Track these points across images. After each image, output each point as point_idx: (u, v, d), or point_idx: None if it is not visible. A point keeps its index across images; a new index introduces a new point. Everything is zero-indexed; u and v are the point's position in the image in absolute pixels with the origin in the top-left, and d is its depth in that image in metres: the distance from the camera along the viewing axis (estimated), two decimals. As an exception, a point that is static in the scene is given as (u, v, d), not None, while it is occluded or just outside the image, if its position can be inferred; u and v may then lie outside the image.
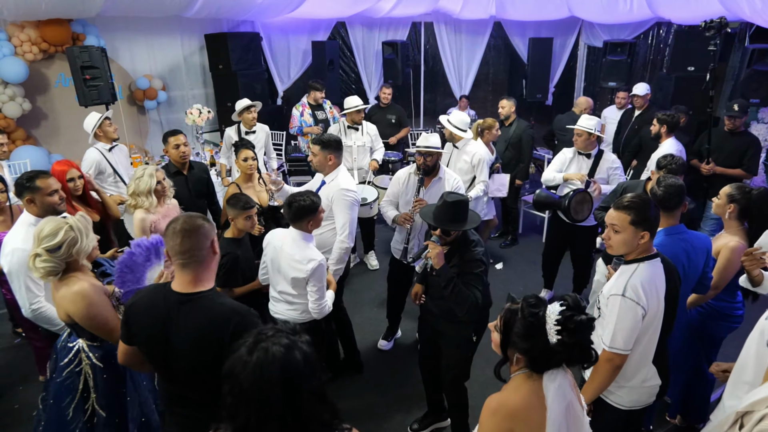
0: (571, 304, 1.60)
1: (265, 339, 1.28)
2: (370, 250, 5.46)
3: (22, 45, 6.28)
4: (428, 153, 3.54)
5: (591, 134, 4.17)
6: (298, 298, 2.83)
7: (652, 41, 8.52)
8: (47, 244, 2.17)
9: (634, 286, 2.12)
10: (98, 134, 4.42)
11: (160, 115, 8.09)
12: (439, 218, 2.64)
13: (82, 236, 2.24)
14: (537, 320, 1.61)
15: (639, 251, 2.21)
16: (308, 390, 1.27)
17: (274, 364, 1.23)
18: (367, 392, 3.60)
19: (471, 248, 2.67)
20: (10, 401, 3.52)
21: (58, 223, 2.23)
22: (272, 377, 1.22)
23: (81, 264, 2.30)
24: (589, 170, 4.26)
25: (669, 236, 2.65)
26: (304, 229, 2.78)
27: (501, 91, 10.45)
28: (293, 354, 1.26)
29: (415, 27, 9.63)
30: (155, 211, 3.31)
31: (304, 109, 6.32)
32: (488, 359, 3.61)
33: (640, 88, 5.85)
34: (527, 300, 1.67)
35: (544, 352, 1.61)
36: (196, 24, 7.97)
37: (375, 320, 4.39)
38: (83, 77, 5.48)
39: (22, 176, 2.83)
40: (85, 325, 2.23)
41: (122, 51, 7.46)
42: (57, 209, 2.80)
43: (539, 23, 9.19)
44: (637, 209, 2.16)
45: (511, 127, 5.54)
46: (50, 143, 6.86)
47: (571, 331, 1.57)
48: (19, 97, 6.36)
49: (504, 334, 1.69)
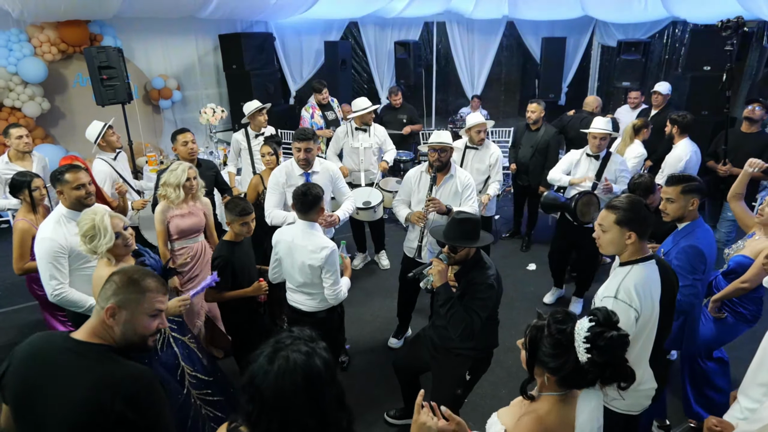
0: (601, 319, 1.51)
1: (284, 347, 1.27)
2: (382, 250, 5.47)
3: (42, 46, 6.40)
4: (442, 148, 3.56)
5: (609, 135, 4.19)
6: (314, 288, 2.91)
7: (667, 40, 8.44)
8: (79, 230, 2.43)
9: (627, 289, 2.10)
10: (101, 144, 4.30)
11: (175, 115, 8.19)
12: (449, 235, 2.56)
13: (99, 234, 2.36)
14: (565, 337, 1.52)
15: (631, 253, 2.18)
16: (330, 396, 1.27)
17: (296, 372, 1.23)
18: (376, 387, 3.64)
19: (483, 270, 2.56)
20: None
21: (87, 215, 2.41)
22: (295, 385, 1.22)
23: (118, 253, 2.45)
24: (596, 171, 4.25)
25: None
26: (312, 219, 2.85)
27: (513, 90, 10.41)
28: (314, 361, 1.26)
29: (427, 27, 9.63)
30: (179, 207, 3.39)
31: (314, 111, 6.34)
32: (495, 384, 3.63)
33: (662, 86, 5.74)
34: (554, 316, 1.58)
35: (574, 372, 1.52)
36: (210, 24, 8.06)
37: (386, 319, 4.41)
38: (100, 77, 5.56)
39: (57, 169, 2.99)
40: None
41: (138, 51, 7.57)
42: (83, 202, 2.91)
43: (552, 23, 9.14)
44: (623, 209, 2.15)
45: (539, 132, 5.32)
46: (68, 142, 6.98)
47: (601, 349, 1.47)
48: (39, 96, 6.49)
49: (530, 351, 1.60)
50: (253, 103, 5.08)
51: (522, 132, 5.50)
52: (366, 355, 4.02)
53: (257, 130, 5.05)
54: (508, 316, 4.39)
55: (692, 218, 2.69)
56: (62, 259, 2.78)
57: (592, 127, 4.26)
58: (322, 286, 2.88)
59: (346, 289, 2.97)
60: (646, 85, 6.95)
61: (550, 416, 1.56)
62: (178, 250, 3.45)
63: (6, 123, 6.25)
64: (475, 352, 2.66)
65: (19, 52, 6.22)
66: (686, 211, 2.67)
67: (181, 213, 3.39)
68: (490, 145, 4.64)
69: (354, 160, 5.09)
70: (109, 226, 2.37)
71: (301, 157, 3.55)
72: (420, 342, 2.95)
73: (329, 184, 3.73)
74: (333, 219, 3.61)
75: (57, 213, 2.91)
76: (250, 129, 5.07)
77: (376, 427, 3.26)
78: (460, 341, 2.55)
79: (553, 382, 1.57)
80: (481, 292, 2.53)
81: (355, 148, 5.05)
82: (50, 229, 2.80)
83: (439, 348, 2.76)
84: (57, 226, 2.82)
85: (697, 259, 2.59)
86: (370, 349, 4.08)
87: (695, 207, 2.66)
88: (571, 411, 1.57)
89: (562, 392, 1.58)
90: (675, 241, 2.74)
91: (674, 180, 2.70)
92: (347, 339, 4.12)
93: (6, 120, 6.27)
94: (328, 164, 3.85)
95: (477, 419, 3.17)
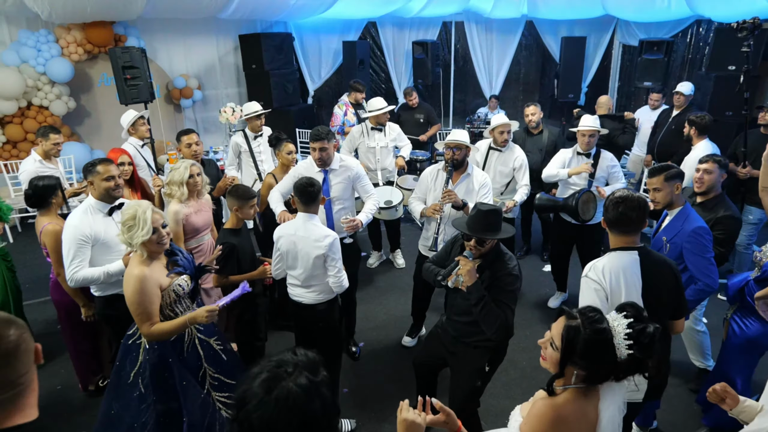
0: (635, 314, 1.51)
1: (285, 376, 1.16)
2: (397, 249, 5.50)
3: (69, 46, 6.59)
4: (457, 146, 3.57)
5: (598, 132, 4.20)
6: (315, 280, 2.98)
7: (690, 39, 8.28)
8: (120, 218, 2.49)
9: (596, 268, 2.28)
10: (131, 131, 4.69)
11: (195, 114, 8.34)
12: (473, 227, 2.53)
13: (137, 226, 2.41)
14: (602, 337, 1.51)
15: (614, 243, 2.33)
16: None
17: (292, 411, 1.13)
18: (388, 385, 3.66)
19: (505, 262, 2.55)
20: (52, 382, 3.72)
21: (132, 206, 2.46)
22: (290, 424, 1.13)
23: (152, 250, 2.48)
24: None
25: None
26: (313, 210, 2.93)
27: (532, 90, 10.34)
28: (314, 402, 1.16)
29: (445, 26, 9.62)
30: (188, 205, 3.47)
31: (347, 108, 6.39)
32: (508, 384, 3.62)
33: (685, 86, 5.64)
34: (587, 315, 1.54)
35: (608, 369, 1.52)
36: (231, 25, 8.18)
37: (400, 317, 4.44)
38: (124, 77, 5.68)
39: (90, 161, 3.10)
40: (128, 304, 2.43)
41: (161, 51, 7.73)
42: (111, 194, 3.01)
43: (572, 22, 9.06)
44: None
45: (542, 135, 5.15)
46: (92, 140, 7.17)
47: (644, 346, 1.47)
48: (65, 95, 6.68)
49: (565, 352, 1.56)
50: (253, 106, 5.05)
51: (522, 138, 5.18)
52: (380, 353, 4.05)
53: (256, 132, 5.03)
54: (523, 316, 4.38)
55: (680, 204, 2.91)
56: (84, 247, 2.88)
57: (580, 124, 4.24)
58: (322, 277, 2.96)
59: (346, 278, 3.04)
60: (669, 85, 6.84)
61: (567, 406, 1.55)
62: (195, 248, 3.52)
63: (34, 121, 6.45)
64: (494, 343, 2.65)
65: (48, 52, 6.41)
66: (674, 197, 2.89)
67: (193, 210, 3.47)
68: (514, 149, 4.58)
69: (371, 160, 5.12)
70: (149, 220, 2.42)
71: (316, 157, 3.58)
72: (436, 338, 2.96)
73: (348, 182, 3.71)
74: (356, 224, 3.57)
75: (86, 203, 3.02)
76: (248, 131, 5.04)
77: (387, 424, 3.28)
78: (496, 337, 2.54)
79: (581, 379, 1.56)
80: (508, 284, 2.53)
81: (372, 148, 5.09)
82: (77, 218, 2.93)
83: (457, 342, 2.76)
84: (84, 216, 2.94)
85: (707, 238, 2.79)
86: (383, 347, 4.11)
87: (680, 191, 2.89)
88: (590, 405, 1.56)
89: (586, 385, 1.58)
90: (676, 227, 2.88)
91: (656, 171, 2.94)
92: (359, 337, 4.18)
93: (34, 118, 6.47)
94: (349, 162, 3.77)
95: (490, 419, 3.20)
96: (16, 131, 6.39)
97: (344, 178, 3.70)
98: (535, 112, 5.13)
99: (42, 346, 1.33)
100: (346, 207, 3.74)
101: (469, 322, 2.64)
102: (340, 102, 6.47)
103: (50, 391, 3.64)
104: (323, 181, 3.60)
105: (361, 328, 4.26)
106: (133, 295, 2.40)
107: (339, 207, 3.70)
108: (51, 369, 3.84)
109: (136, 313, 2.44)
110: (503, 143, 4.55)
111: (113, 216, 3.05)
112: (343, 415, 3.27)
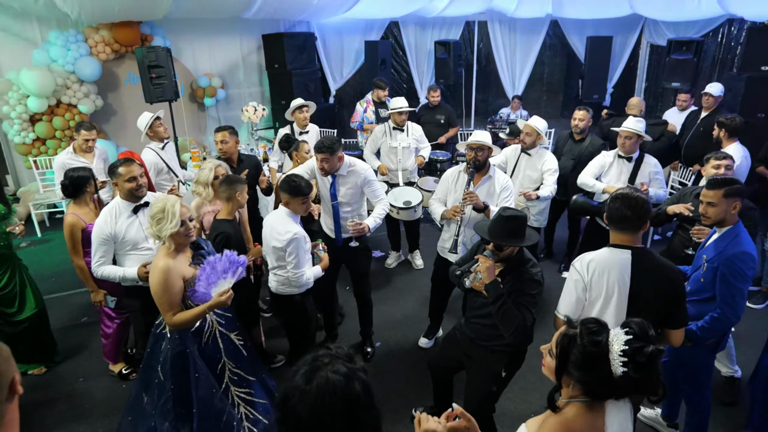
0: (637, 332, 1.45)
1: (322, 367, 1.22)
2: (416, 249, 5.47)
3: (97, 46, 6.74)
4: (479, 147, 3.53)
5: (640, 136, 4.05)
6: (279, 270, 3.18)
7: (722, 39, 8.05)
8: (149, 212, 2.60)
9: (583, 260, 2.34)
10: (149, 134, 4.62)
11: (219, 112, 8.44)
12: (494, 232, 2.52)
13: (166, 218, 2.52)
14: (598, 350, 1.46)
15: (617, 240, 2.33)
16: (369, 422, 1.23)
17: (336, 395, 1.18)
18: (403, 385, 3.66)
19: (528, 267, 2.54)
20: (74, 374, 3.81)
21: (161, 200, 2.56)
22: (334, 408, 1.17)
23: (183, 240, 2.59)
24: (630, 174, 4.12)
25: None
26: (295, 208, 3.07)
27: (556, 91, 10.19)
28: (354, 384, 1.21)
29: (468, 26, 9.55)
30: (212, 203, 3.55)
31: (368, 105, 6.41)
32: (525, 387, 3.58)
33: (714, 87, 5.47)
34: (586, 325, 1.51)
35: (605, 384, 1.47)
36: (254, 25, 8.25)
37: (417, 318, 4.41)
38: (150, 76, 5.80)
39: (113, 163, 3.24)
40: (153, 294, 2.57)
41: (185, 51, 7.85)
42: (135, 194, 3.14)
43: (598, 21, 8.89)
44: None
45: (584, 142, 4.93)
46: (118, 138, 7.31)
47: (639, 366, 1.42)
48: (93, 94, 6.83)
49: (560, 360, 1.54)
50: (297, 101, 5.21)
51: (564, 141, 5.11)
52: (396, 354, 4.04)
53: (301, 128, 5.19)
54: (542, 321, 4.30)
55: (733, 222, 2.67)
56: (106, 245, 3.09)
57: (623, 125, 4.13)
58: (283, 269, 3.13)
59: (312, 277, 3.19)
60: (698, 85, 6.66)
61: (577, 421, 1.52)
62: None
63: (63, 119, 6.62)
64: (511, 348, 2.62)
65: (76, 51, 6.56)
66: (728, 215, 2.64)
67: (213, 209, 3.53)
68: (544, 153, 4.48)
69: (392, 160, 5.11)
70: (177, 213, 2.51)
71: (318, 166, 3.55)
72: (453, 340, 2.93)
73: (357, 188, 3.66)
74: (362, 228, 3.58)
75: (113, 203, 3.17)
76: (295, 126, 5.21)
77: (401, 425, 3.27)
78: (513, 339, 2.50)
79: (579, 391, 1.53)
80: (530, 288, 2.50)
81: (393, 148, 5.08)
82: (102, 218, 3.11)
83: (474, 344, 2.73)
84: (108, 216, 3.10)
85: (749, 265, 2.57)
86: (400, 348, 4.10)
87: (737, 211, 2.64)
88: (599, 418, 1.52)
89: (590, 399, 1.54)
90: (719, 248, 2.65)
91: (716, 183, 2.67)
92: (376, 337, 4.17)
93: (63, 116, 6.63)
94: (359, 168, 3.67)
95: (507, 424, 3.16)
96: (46, 129, 6.55)
97: (353, 184, 3.65)
98: (584, 118, 4.91)
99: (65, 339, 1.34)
100: (354, 210, 3.73)
101: (488, 325, 2.61)
102: (363, 99, 6.52)
103: (72, 383, 3.74)
104: (331, 185, 3.62)
105: (378, 328, 4.25)
106: (158, 285, 2.52)
107: (347, 210, 3.70)
108: (74, 362, 3.94)
109: (159, 302, 2.56)
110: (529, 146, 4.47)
111: (138, 214, 3.13)
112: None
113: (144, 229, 3.09)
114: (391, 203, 4.58)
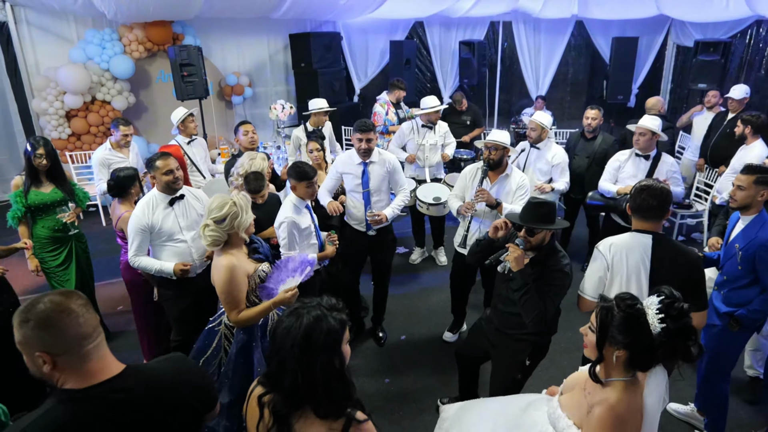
0: (668, 293, 1.60)
1: (303, 307, 1.49)
2: (440, 246, 5.54)
3: (130, 44, 6.95)
4: (494, 146, 3.59)
5: (654, 134, 4.08)
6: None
7: (750, 40, 7.95)
8: (215, 215, 2.48)
9: (606, 243, 2.47)
10: (179, 128, 4.86)
11: (246, 110, 8.62)
12: (524, 217, 2.57)
13: (242, 212, 2.52)
14: (637, 311, 1.59)
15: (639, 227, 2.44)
16: (322, 361, 1.42)
17: (299, 329, 1.43)
18: (428, 377, 3.73)
19: (558, 258, 2.57)
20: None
21: (224, 198, 2.52)
22: (294, 339, 1.43)
23: (240, 238, 2.57)
24: (646, 172, 4.14)
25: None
26: (301, 192, 3.19)
27: (580, 92, 10.14)
28: (319, 325, 1.44)
29: (493, 26, 9.57)
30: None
31: (389, 108, 6.41)
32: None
33: (737, 91, 5.42)
34: (621, 297, 1.63)
35: (647, 347, 1.58)
36: (281, 24, 8.41)
37: (441, 313, 4.48)
38: (181, 74, 5.98)
39: (151, 156, 3.32)
40: (218, 293, 2.54)
41: (215, 50, 8.04)
42: (171, 187, 3.20)
43: (624, 22, 8.84)
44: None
45: (596, 140, 4.99)
46: (149, 134, 7.52)
47: (674, 318, 1.56)
48: (126, 91, 7.05)
49: (601, 331, 1.63)
50: (319, 102, 5.24)
51: (576, 140, 5.15)
52: (421, 346, 4.11)
53: (316, 127, 5.22)
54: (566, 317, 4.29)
55: (758, 209, 2.80)
56: (143, 236, 3.14)
57: (639, 123, 4.15)
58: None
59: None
60: (725, 87, 6.60)
61: (621, 404, 1.59)
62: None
63: (97, 115, 6.84)
64: (536, 337, 2.67)
65: (111, 50, 6.78)
66: (754, 201, 2.77)
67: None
68: (552, 146, 4.60)
69: (419, 157, 5.17)
70: (245, 205, 2.54)
71: (362, 147, 3.64)
72: (479, 330, 3.00)
73: (385, 175, 3.78)
74: (380, 218, 3.67)
75: (150, 195, 3.24)
76: (309, 125, 5.24)
77: (426, 414, 3.34)
78: (532, 327, 2.55)
79: (622, 363, 1.61)
80: (557, 279, 2.53)
81: (421, 145, 5.14)
82: (139, 209, 3.18)
83: (500, 332, 2.79)
84: (145, 207, 3.16)
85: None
86: (425, 341, 4.17)
87: (763, 199, 2.76)
88: (638, 397, 1.59)
89: (629, 377, 1.61)
90: (750, 235, 2.74)
91: (750, 169, 2.82)
92: (402, 330, 4.25)
93: (97, 112, 6.86)
94: (387, 156, 3.85)
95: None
96: (81, 124, 6.78)
97: (383, 171, 3.78)
98: (597, 117, 4.96)
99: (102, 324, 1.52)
100: (382, 199, 3.83)
101: (513, 313, 2.66)
102: (381, 101, 6.43)
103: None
104: (362, 173, 3.71)
105: (404, 322, 4.35)
106: (224, 284, 2.47)
107: (376, 198, 3.80)
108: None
109: (225, 301, 2.52)
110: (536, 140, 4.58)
111: (173, 206, 3.24)
112: (384, 405, 3.39)
113: (180, 222, 3.17)
114: (420, 199, 4.68)
